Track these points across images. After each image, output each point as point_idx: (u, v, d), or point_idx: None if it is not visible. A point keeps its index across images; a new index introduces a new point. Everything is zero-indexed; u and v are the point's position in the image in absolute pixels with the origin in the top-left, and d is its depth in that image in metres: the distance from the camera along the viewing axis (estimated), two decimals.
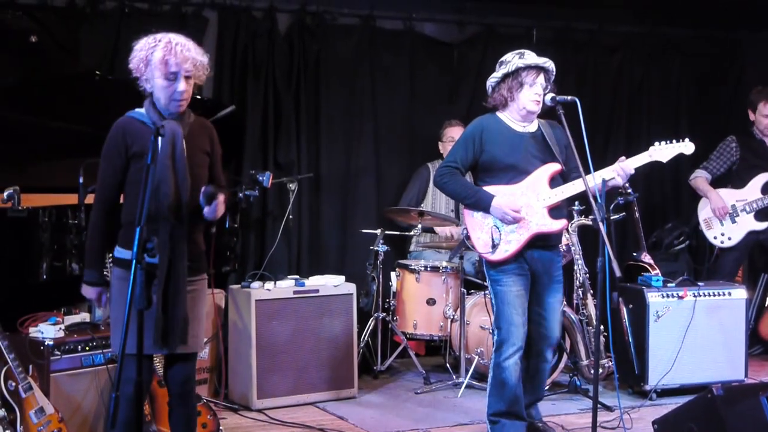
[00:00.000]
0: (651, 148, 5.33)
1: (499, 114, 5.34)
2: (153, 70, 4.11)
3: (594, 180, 4.98)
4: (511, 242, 5.19)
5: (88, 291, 4.28)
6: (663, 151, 5.32)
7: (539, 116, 5.36)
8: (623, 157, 5.24)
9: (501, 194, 5.19)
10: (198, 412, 5.14)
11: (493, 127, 5.28)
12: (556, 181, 5.27)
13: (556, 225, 5.25)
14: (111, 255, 4.29)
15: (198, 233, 4.33)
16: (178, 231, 4.14)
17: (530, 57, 5.22)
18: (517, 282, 5.23)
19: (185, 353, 4.29)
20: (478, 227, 5.28)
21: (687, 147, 5.37)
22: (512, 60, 5.24)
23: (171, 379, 4.37)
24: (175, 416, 4.39)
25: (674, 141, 5.34)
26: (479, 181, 5.33)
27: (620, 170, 5.16)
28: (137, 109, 4.24)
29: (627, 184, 6.56)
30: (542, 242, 5.26)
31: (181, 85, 4.14)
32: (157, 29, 4.24)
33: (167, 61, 4.10)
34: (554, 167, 5.24)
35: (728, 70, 9.02)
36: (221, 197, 4.18)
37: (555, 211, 5.27)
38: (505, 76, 5.26)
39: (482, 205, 5.21)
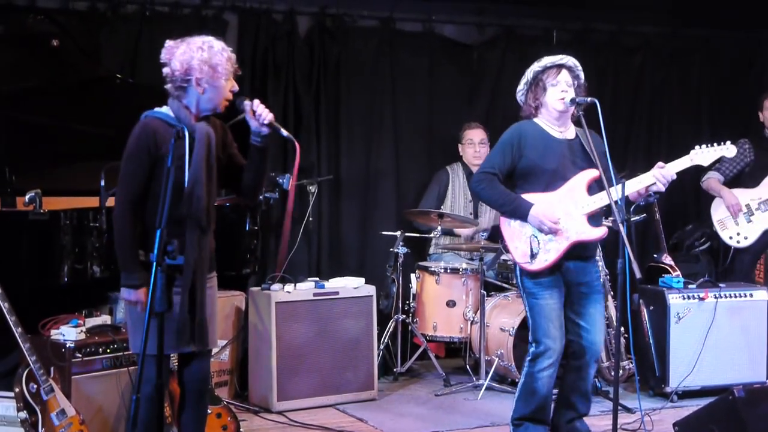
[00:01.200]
0: (692, 151, 5.20)
1: (536, 120, 5.24)
2: (217, 72, 4.16)
3: (629, 187, 4.92)
4: (550, 251, 5.09)
5: (132, 294, 4.14)
6: (704, 155, 5.19)
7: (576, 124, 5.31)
8: (661, 163, 5.11)
9: (539, 202, 5.07)
10: (218, 414, 5.17)
11: (531, 133, 5.17)
12: (593, 188, 5.14)
13: (596, 233, 5.13)
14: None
15: (211, 233, 4.34)
16: (205, 232, 4.18)
17: (545, 59, 5.19)
18: (554, 295, 5.14)
19: (204, 350, 4.33)
20: (516, 236, 5.18)
21: (729, 150, 5.26)
22: (530, 68, 5.20)
23: (190, 377, 4.38)
24: (190, 415, 4.40)
25: (715, 144, 5.22)
26: (516, 187, 5.20)
27: (660, 176, 5.04)
28: (158, 109, 4.25)
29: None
30: (579, 252, 5.16)
31: (235, 84, 4.28)
32: (179, 33, 4.27)
33: (230, 62, 4.22)
34: (592, 173, 5.12)
35: (750, 70, 8.97)
36: (255, 100, 4.27)
37: (593, 219, 5.16)
38: (528, 86, 5.22)
39: (520, 213, 5.09)
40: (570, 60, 5.20)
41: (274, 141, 7.41)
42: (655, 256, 7.07)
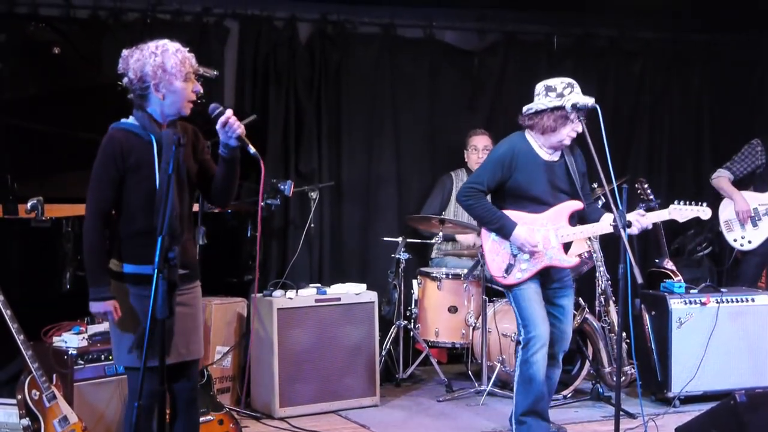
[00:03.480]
0: (671, 206, 5.48)
1: (528, 136, 5.37)
2: (171, 75, 4.09)
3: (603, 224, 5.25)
4: (524, 271, 5.33)
5: (100, 306, 4.10)
6: (681, 212, 5.48)
7: None
8: (642, 211, 5.34)
9: (522, 223, 5.29)
10: (220, 420, 5.18)
11: (524, 153, 5.32)
12: (574, 217, 5.40)
13: (570, 261, 5.41)
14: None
15: (190, 241, 4.31)
16: (177, 242, 4.06)
17: (583, 97, 5.17)
18: (535, 282, 5.36)
19: (190, 360, 4.31)
20: (494, 251, 5.42)
21: (705, 213, 5.55)
22: (564, 93, 5.19)
23: (179, 386, 4.34)
24: (181, 424, 4.37)
25: (694, 203, 5.49)
26: (501, 201, 5.41)
27: (638, 222, 5.23)
28: (124, 120, 4.21)
29: (649, 191, 6.60)
30: (551, 273, 5.41)
31: (198, 85, 4.20)
32: (180, 40, 4.26)
33: (186, 63, 4.13)
34: (576, 205, 5.37)
35: (751, 73, 8.95)
36: (228, 111, 4.13)
37: (569, 248, 5.43)
38: (558, 110, 5.20)
39: (504, 232, 5.32)
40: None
41: (274, 147, 7.49)
42: (656, 260, 7.07)
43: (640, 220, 5.25)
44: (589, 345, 6.68)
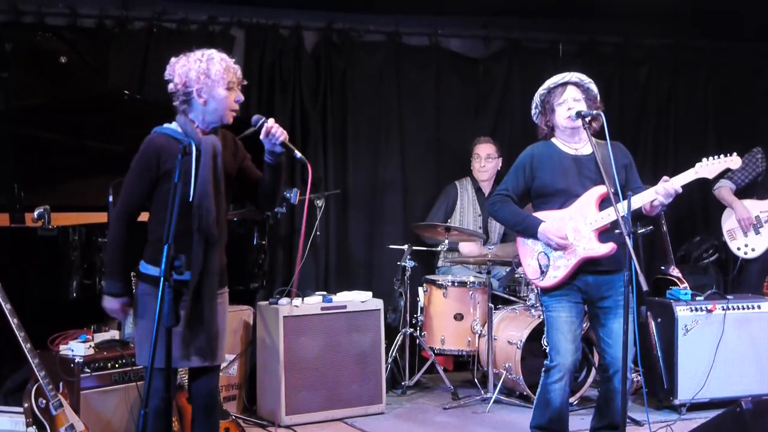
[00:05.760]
0: (697, 164, 5.16)
1: (552, 140, 5.31)
2: (215, 81, 4.18)
3: (631, 203, 4.90)
4: (560, 268, 5.15)
5: (111, 302, 4.27)
6: (709, 167, 5.14)
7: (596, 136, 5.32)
8: (666, 177, 5.10)
9: (550, 220, 5.15)
10: (227, 428, 5.18)
11: (544, 153, 5.25)
12: (606, 203, 5.12)
13: (603, 249, 5.11)
14: (134, 271, 4.30)
15: (222, 247, 4.34)
16: (213, 246, 4.18)
17: (549, 81, 5.24)
18: (567, 308, 5.18)
19: (212, 366, 4.33)
20: (529, 254, 5.28)
21: (734, 162, 5.23)
22: (537, 92, 5.29)
23: (197, 392, 4.39)
24: (202, 430, 4.40)
25: (721, 156, 5.18)
26: (534, 207, 5.32)
27: (663, 190, 5.03)
28: (167, 125, 4.27)
29: None
30: (595, 267, 5.16)
31: (240, 95, 4.30)
32: (186, 49, 4.29)
33: (229, 72, 4.23)
34: (600, 190, 5.12)
35: (756, 81, 8.95)
36: (270, 120, 4.31)
37: (604, 235, 5.14)
38: (538, 110, 5.30)
39: (530, 231, 5.19)
40: (574, 76, 5.22)
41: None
42: (662, 268, 7.06)
43: (665, 186, 5.02)
44: (595, 352, 6.67)
